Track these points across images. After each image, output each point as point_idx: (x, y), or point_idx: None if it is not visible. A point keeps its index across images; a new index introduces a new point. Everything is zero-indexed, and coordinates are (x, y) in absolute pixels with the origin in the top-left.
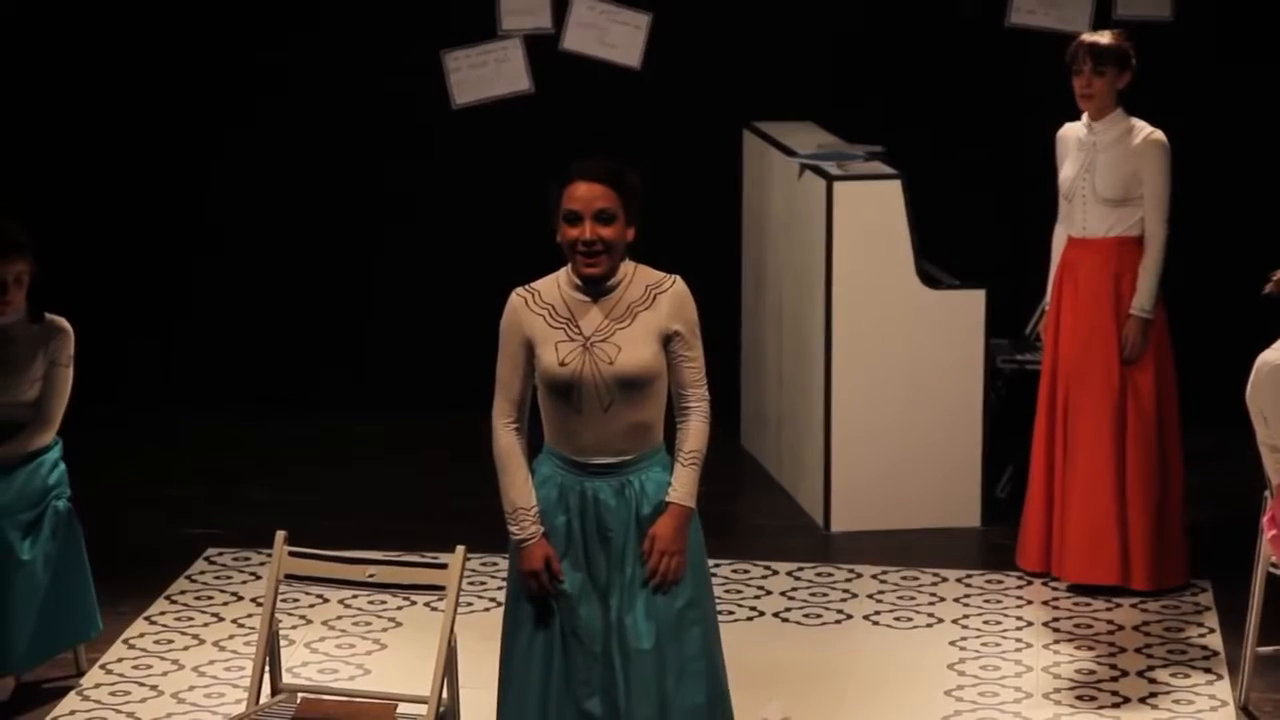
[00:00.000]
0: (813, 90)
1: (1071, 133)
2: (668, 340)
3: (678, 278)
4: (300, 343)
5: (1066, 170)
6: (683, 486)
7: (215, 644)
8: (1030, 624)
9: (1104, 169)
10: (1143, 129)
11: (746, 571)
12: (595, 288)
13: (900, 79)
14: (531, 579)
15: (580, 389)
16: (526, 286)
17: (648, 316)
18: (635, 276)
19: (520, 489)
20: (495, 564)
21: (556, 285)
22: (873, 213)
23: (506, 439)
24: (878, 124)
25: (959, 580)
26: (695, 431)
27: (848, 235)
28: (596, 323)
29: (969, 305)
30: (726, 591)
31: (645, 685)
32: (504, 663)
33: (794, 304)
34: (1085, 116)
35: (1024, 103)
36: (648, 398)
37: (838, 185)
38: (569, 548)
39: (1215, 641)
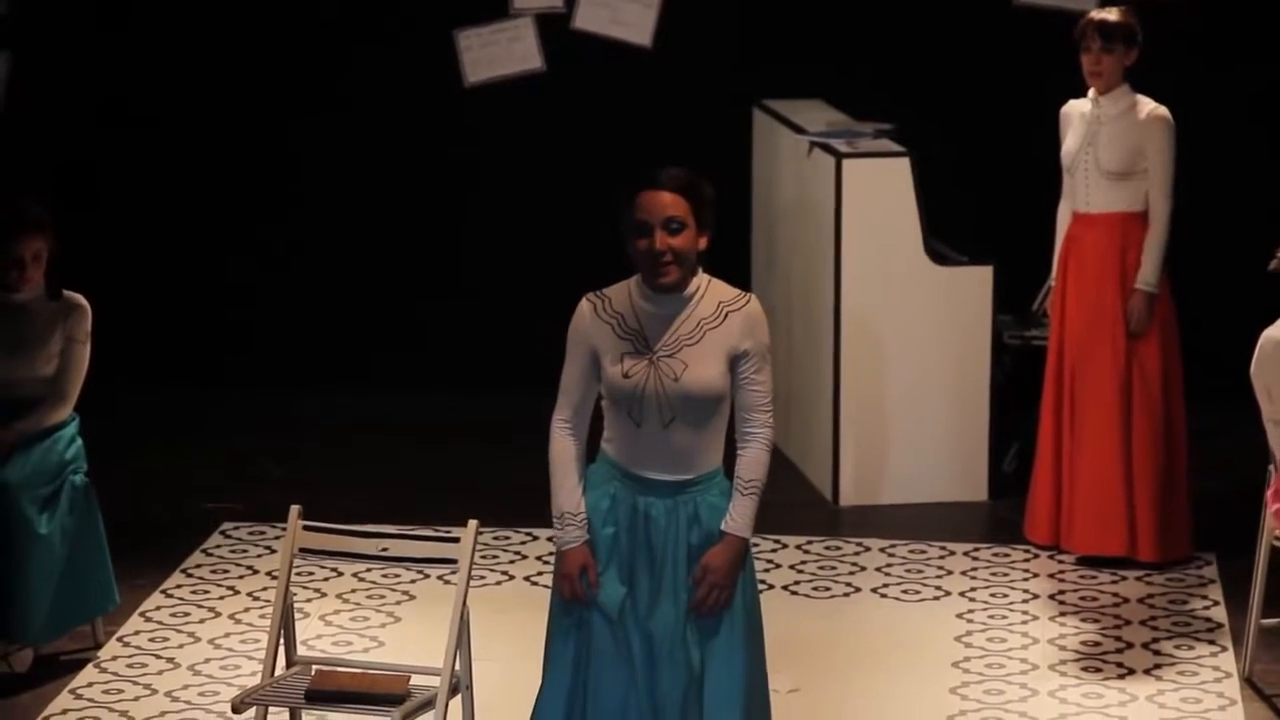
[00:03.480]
0: (822, 68)
1: (1075, 108)
2: (736, 360)
3: (752, 296)
4: (317, 324)
5: (1069, 144)
6: (741, 517)
7: (231, 617)
8: (1036, 597)
9: (1108, 142)
10: (1147, 104)
11: (756, 545)
12: (666, 300)
13: (910, 57)
14: (565, 583)
15: (642, 403)
16: (598, 293)
17: (717, 335)
18: (709, 291)
19: (569, 494)
20: (507, 538)
21: (627, 294)
22: (881, 190)
23: (562, 443)
24: (887, 102)
25: (966, 554)
26: (756, 460)
27: (856, 212)
28: (664, 337)
29: (976, 281)
30: None
31: (680, 712)
32: (545, 660)
33: (803, 280)
34: (1091, 92)
35: (1031, 80)
36: (710, 418)
37: (847, 163)
38: (612, 559)
39: (1220, 614)
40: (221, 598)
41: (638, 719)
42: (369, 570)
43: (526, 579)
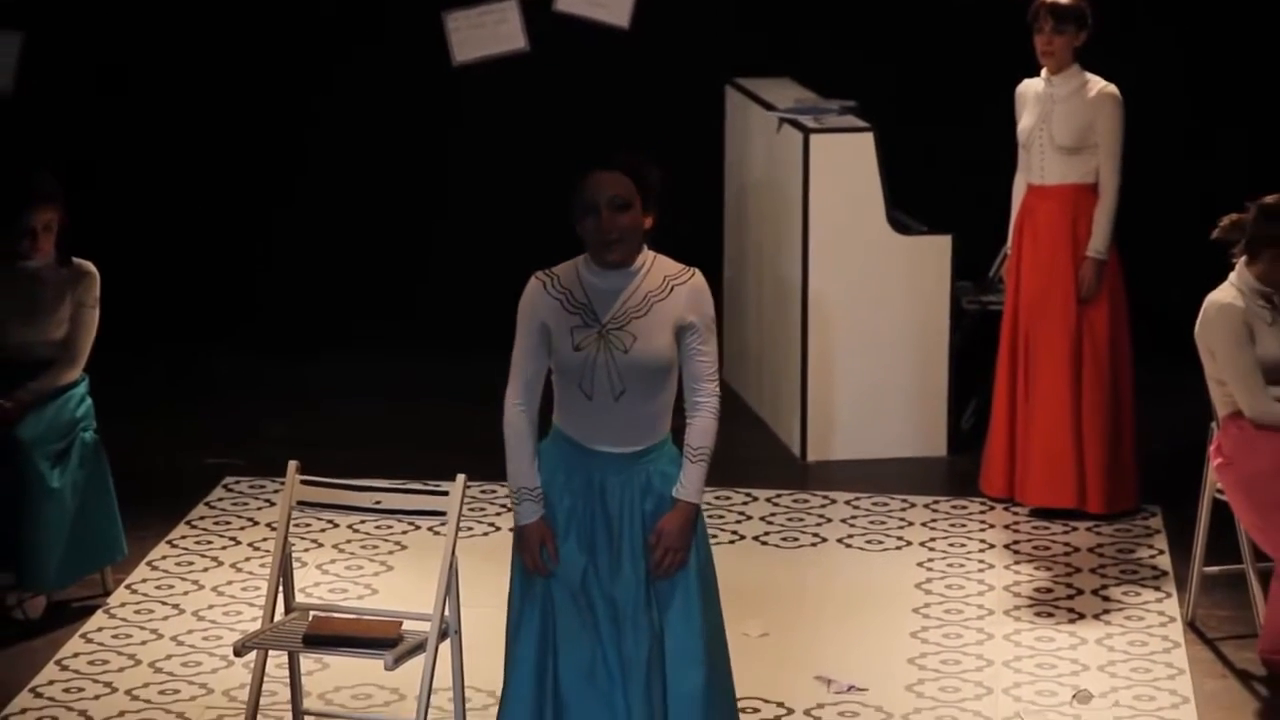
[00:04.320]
0: (791, 48)
1: (1030, 88)
2: (682, 332)
3: (696, 270)
4: (314, 290)
5: (1025, 121)
6: (691, 484)
7: (233, 566)
8: (992, 546)
9: (1061, 119)
10: (1098, 83)
11: (728, 498)
12: (613, 275)
13: (874, 37)
14: (527, 557)
15: (593, 376)
16: (546, 270)
17: (664, 307)
18: (654, 266)
19: (525, 470)
20: (494, 491)
21: (575, 271)
22: (846, 163)
23: (516, 420)
24: (852, 80)
25: (926, 506)
26: (704, 429)
27: (823, 185)
28: (613, 311)
29: (936, 250)
30: (710, 517)
31: (645, 671)
32: (508, 639)
33: (773, 248)
34: (1044, 72)
35: (988, 59)
36: (659, 388)
37: (814, 138)
38: (571, 529)
39: (1164, 562)
40: (224, 548)
41: (605, 678)
42: (363, 522)
43: (512, 530)
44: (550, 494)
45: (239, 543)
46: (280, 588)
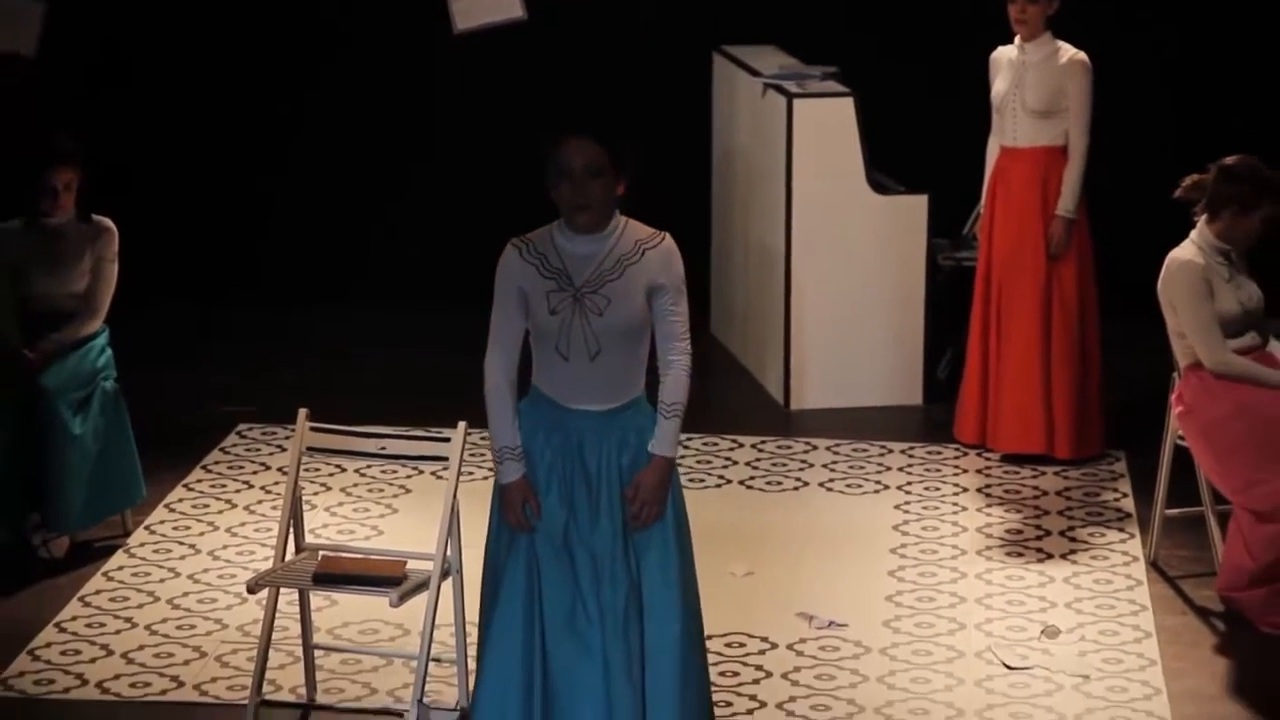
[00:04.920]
0: (776, 15)
1: (1003, 54)
2: (654, 294)
3: (667, 235)
4: (320, 246)
5: (998, 86)
6: (666, 438)
7: (246, 508)
8: (966, 490)
9: (1033, 84)
10: (1068, 50)
11: (715, 444)
12: (587, 240)
13: (855, 6)
14: (510, 514)
15: (569, 337)
16: (521, 237)
17: (636, 270)
18: (626, 231)
19: (507, 430)
20: None
21: (550, 236)
22: (828, 127)
23: (496, 382)
24: (834, 47)
25: (903, 452)
26: (677, 385)
27: (806, 147)
28: (587, 275)
29: (913, 209)
30: (698, 463)
31: (622, 620)
32: (485, 596)
33: (758, 208)
34: (1017, 39)
35: (963, 27)
36: (633, 349)
37: (797, 102)
38: (551, 485)
39: (1128, 505)
40: (237, 491)
41: (585, 625)
42: (369, 467)
43: None
44: (531, 452)
45: (251, 486)
46: (291, 529)
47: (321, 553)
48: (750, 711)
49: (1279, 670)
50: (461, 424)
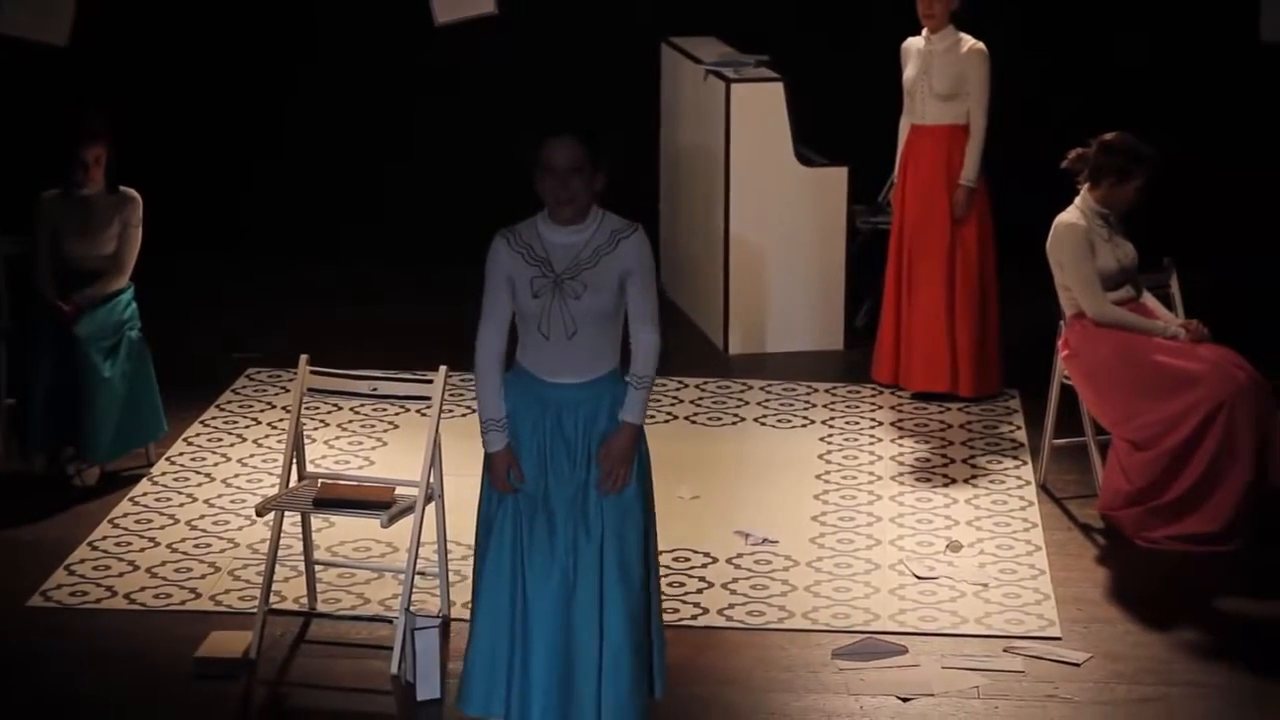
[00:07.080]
0: (716, 10)
1: (913, 44)
2: (626, 280)
3: (639, 226)
4: (317, 206)
5: (909, 72)
6: (634, 407)
7: (254, 441)
8: (881, 424)
9: (939, 71)
10: (969, 40)
11: (663, 385)
12: (567, 231)
13: (787, 1)
14: (496, 480)
15: (549, 319)
16: (509, 229)
17: (611, 259)
18: (603, 222)
19: (494, 403)
20: (470, 380)
21: (535, 227)
22: (761, 108)
23: (485, 359)
24: (767, 37)
25: (826, 391)
26: (646, 360)
27: (742, 126)
28: (566, 263)
29: (835, 179)
30: (650, 402)
31: (590, 571)
32: (479, 542)
33: (704, 180)
34: (925, 31)
35: (879, 21)
36: (607, 329)
37: (734, 86)
38: (532, 452)
39: (1022, 436)
40: (247, 427)
41: (560, 575)
42: (362, 405)
43: None
44: (514, 422)
45: (259, 423)
46: (294, 460)
47: (321, 480)
48: (694, 618)
49: (1151, 577)
50: (442, 368)
